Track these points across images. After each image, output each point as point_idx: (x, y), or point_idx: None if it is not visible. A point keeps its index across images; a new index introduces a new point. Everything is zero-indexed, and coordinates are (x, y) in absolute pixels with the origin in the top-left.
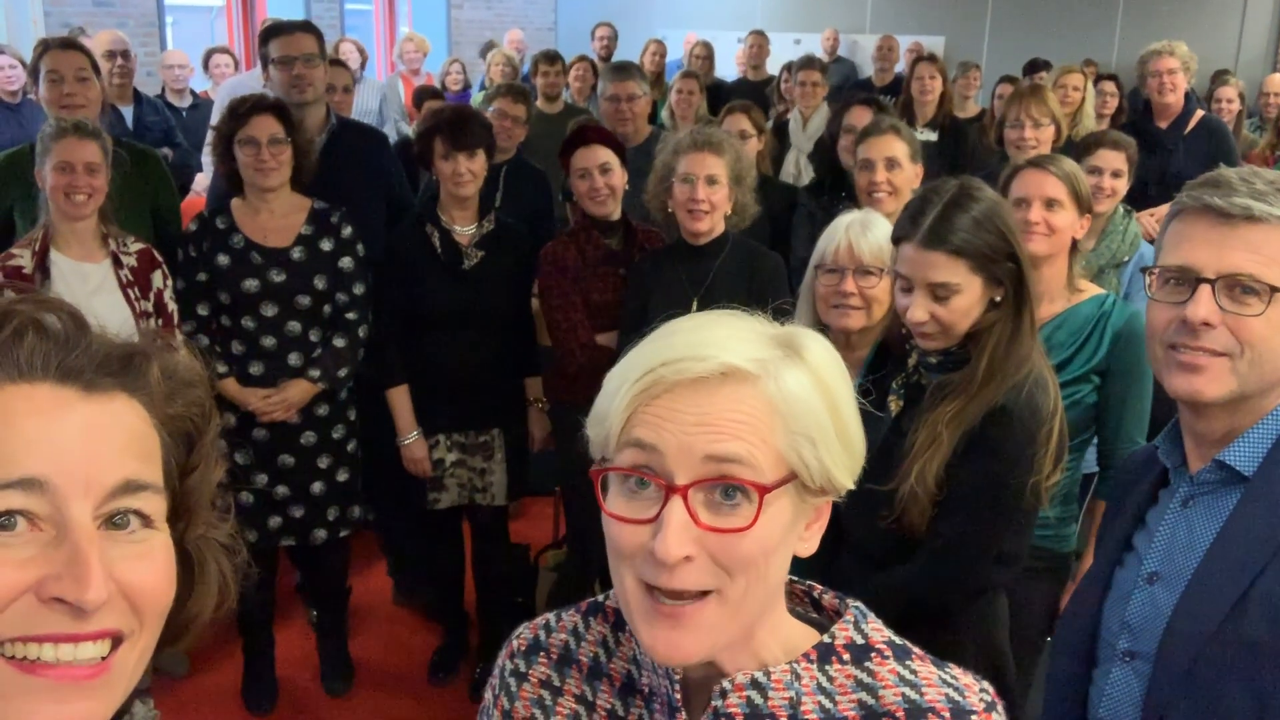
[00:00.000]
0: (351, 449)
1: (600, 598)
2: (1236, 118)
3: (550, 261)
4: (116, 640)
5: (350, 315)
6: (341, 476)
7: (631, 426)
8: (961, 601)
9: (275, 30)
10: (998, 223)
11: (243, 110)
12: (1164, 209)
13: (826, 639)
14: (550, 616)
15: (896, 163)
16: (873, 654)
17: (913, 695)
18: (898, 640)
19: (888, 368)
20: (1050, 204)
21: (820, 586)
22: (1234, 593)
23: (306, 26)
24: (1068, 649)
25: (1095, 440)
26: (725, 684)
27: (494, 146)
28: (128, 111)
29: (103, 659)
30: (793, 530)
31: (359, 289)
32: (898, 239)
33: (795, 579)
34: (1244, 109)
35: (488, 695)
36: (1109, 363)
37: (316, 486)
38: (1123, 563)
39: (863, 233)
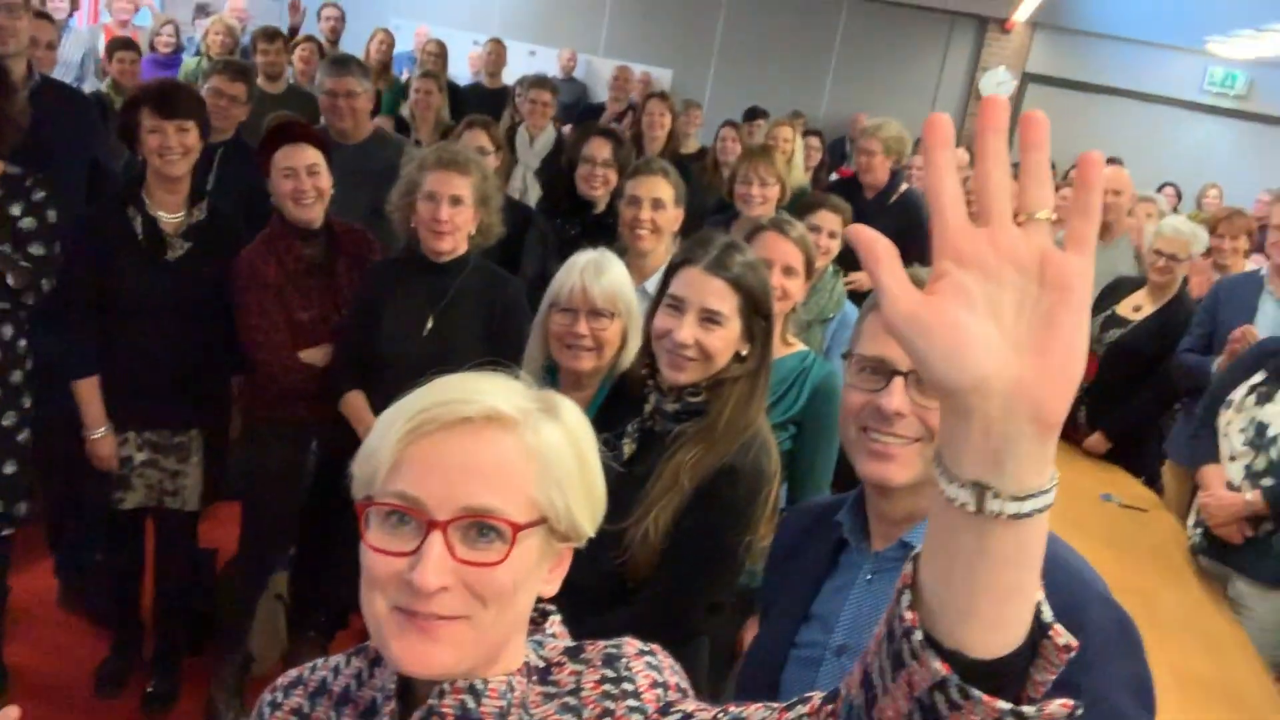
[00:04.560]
0: (23, 439)
1: (370, 642)
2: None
3: (248, 274)
4: None
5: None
6: (8, 469)
7: (398, 468)
8: (672, 646)
9: None
10: (763, 275)
11: None
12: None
13: (526, 659)
14: (320, 659)
15: (662, 203)
16: (553, 668)
17: (608, 673)
18: (572, 643)
19: (620, 409)
20: (788, 270)
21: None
22: None
23: None
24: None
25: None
26: (445, 685)
27: (208, 123)
28: None
29: None
30: (539, 570)
31: (37, 250)
32: (679, 263)
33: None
34: None
35: None
36: (804, 415)
37: None
38: (807, 624)
39: (596, 275)
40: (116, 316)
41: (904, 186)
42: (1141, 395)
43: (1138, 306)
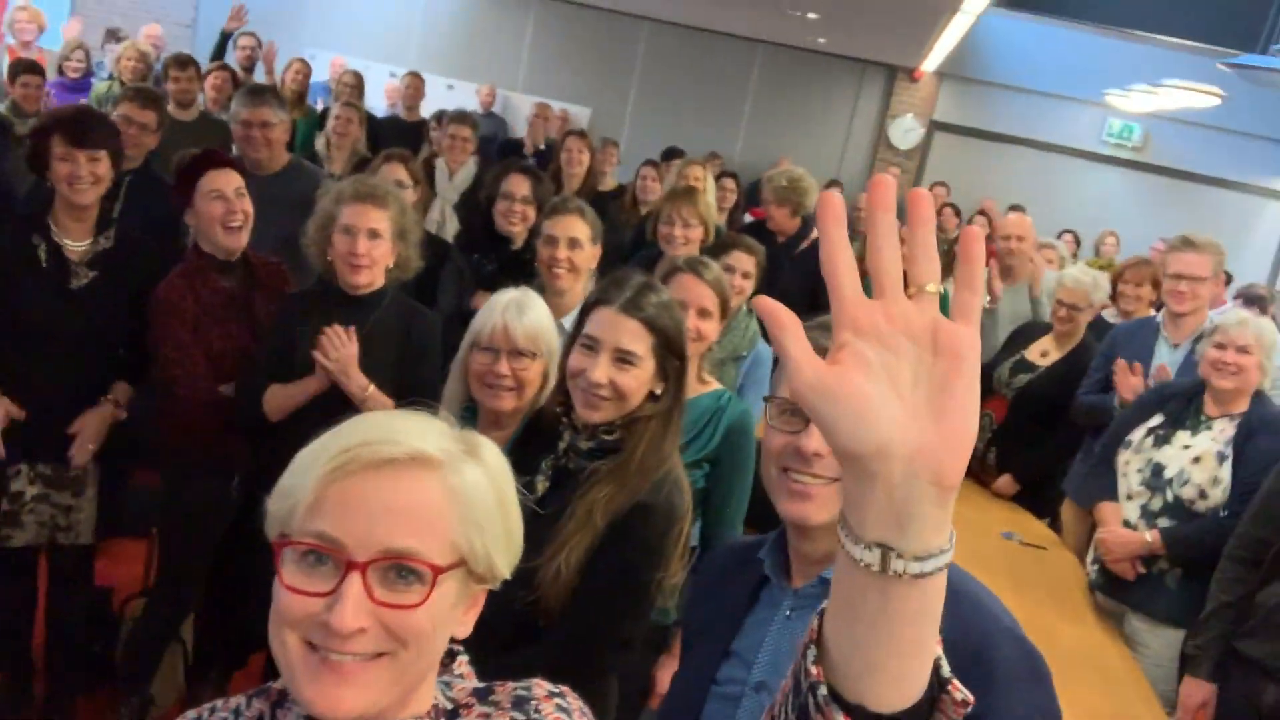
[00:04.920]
0: None
1: (273, 682)
2: None
3: (166, 309)
4: None
5: None
6: None
7: (318, 506)
8: (582, 684)
9: None
10: (677, 315)
11: None
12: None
13: (435, 701)
14: (219, 700)
15: (578, 243)
16: (461, 710)
17: (518, 716)
18: (480, 685)
19: (533, 446)
20: (703, 312)
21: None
22: None
23: None
24: None
25: (700, 521)
26: None
27: (120, 153)
28: None
29: None
30: (455, 611)
31: None
32: (594, 303)
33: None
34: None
35: None
36: (719, 453)
37: None
38: (728, 660)
39: (519, 315)
40: (14, 343)
41: (814, 234)
42: (1049, 440)
43: (1045, 351)
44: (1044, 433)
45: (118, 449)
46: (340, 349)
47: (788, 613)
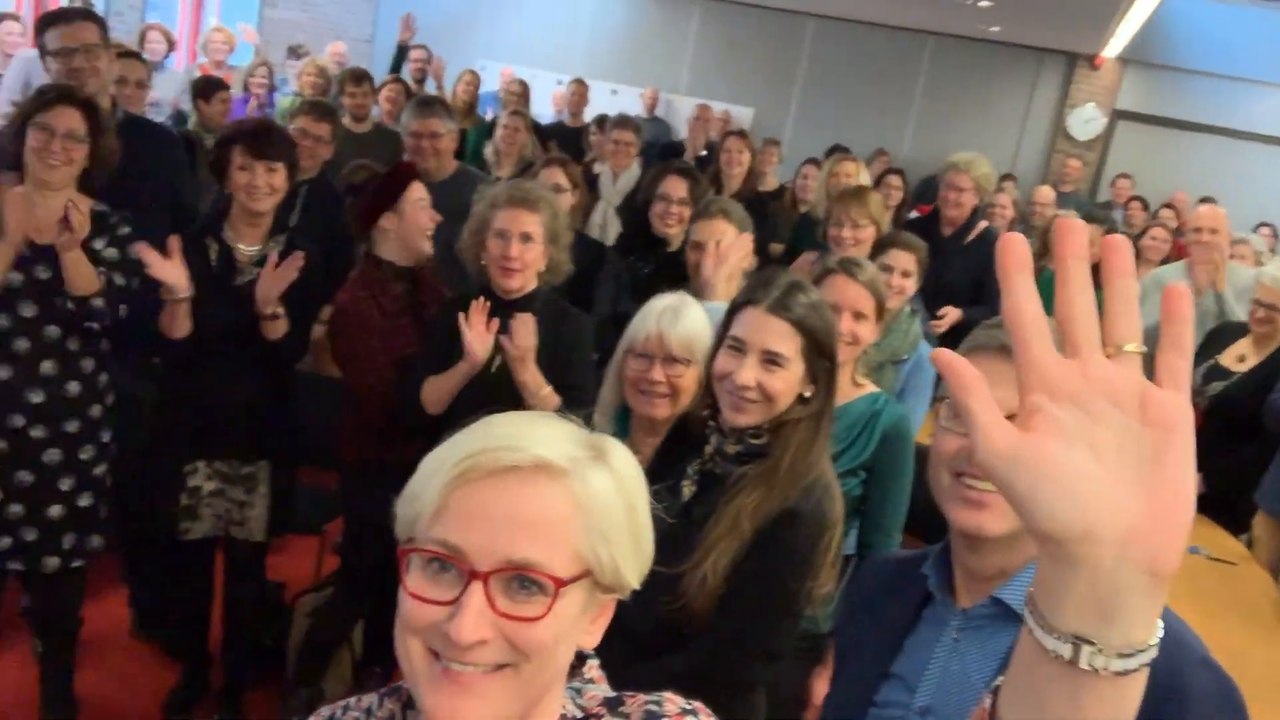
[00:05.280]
0: (99, 473)
1: (401, 682)
2: (1009, 224)
3: (353, 319)
4: None
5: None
6: (84, 501)
7: (442, 513)
8: (729, 696)
9: (54, 19)
10: (827, 316)
11: (49, 96)
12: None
13: (563, 710)
14: (351, 699)
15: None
16: (591, 718)
17: None
18: (611, 693)
19: (680, 450)
20: (858, 316)
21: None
22: None
23: (87, 14)
24: None
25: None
26: None
27: (296, 164)
28: None
29: None
30: (580, 622)
31: (118, 280)
32: (741, 303)
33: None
34: (1016, 216)
35: None
36: (875, 460)
37: (54, 510)
38: (887, 683)
39: (674, 322)
40: (187, 348)
41: (982, 224)
42: (1244, 450)
43: (1242, 356)
44: (1239, 443)
45: (289, 450)
46: (525, 338)
47: (955, 635)
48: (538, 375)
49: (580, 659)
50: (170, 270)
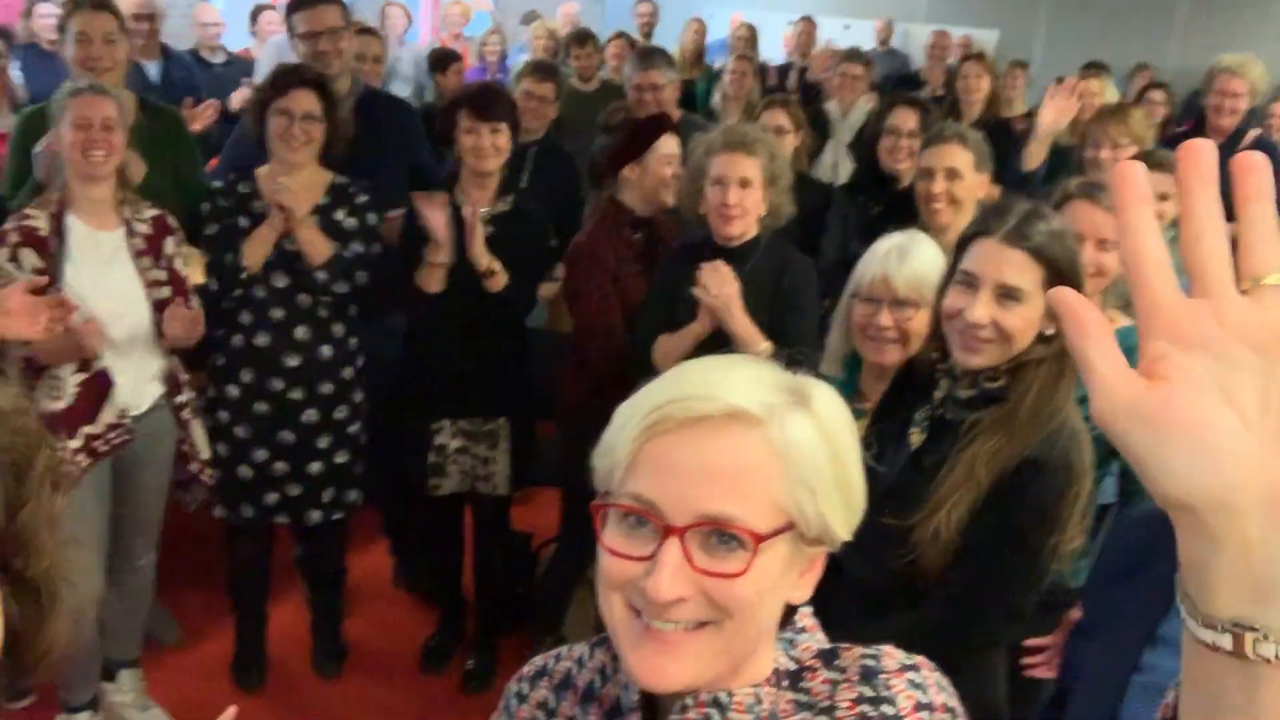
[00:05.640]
0: (353, 431)
1: None
2: None
3: (587, 255)
4: None
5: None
6: (340, 459)
7: (635, 467)
8: (964, 657)
9: (301, 4)
10: (1071, 245)
11: (284, 81)
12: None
13: (775, 664)
14: (563, 648)
15: (957, 173)
16: (805, 672)
17: (866, 691)
18: (826, 645)
19: (908, 396)
20: (1103, 244)
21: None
22: None
23: None
24: None
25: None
26: (688, 699)
27: (519, 125)
28: (154, 67)
29: None
30: (786, 577)
31: (357, 247)
32: (973, 234)
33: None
34: None
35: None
36: None
37: (314, 466)
38: (1153, 648)
39: (900, 263)
40: (428, 309)
41: (1255, 132)
42: None
43: None
44: None
45: (528, 406)
46: (722, 285)
47: None
48: (749, 326)
49: (791, 608)
50: (438, 218)
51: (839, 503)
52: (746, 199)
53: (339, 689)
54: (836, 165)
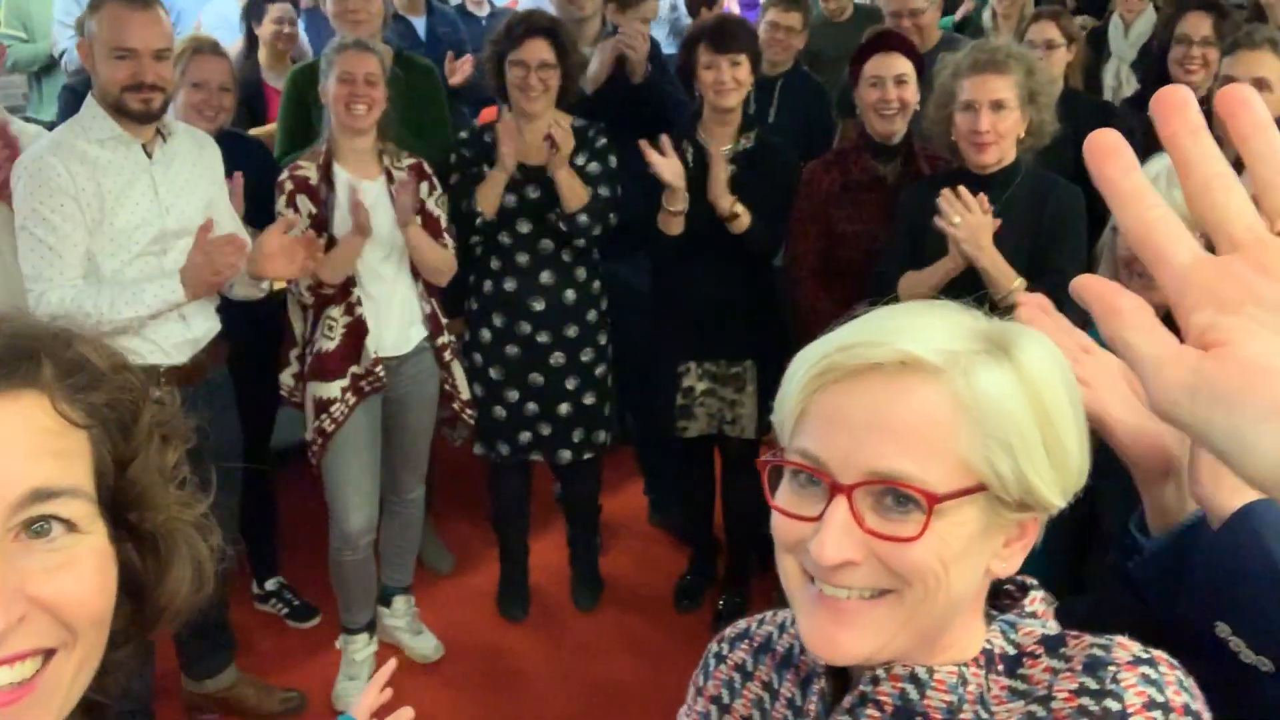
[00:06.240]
0: (599, 373)
1: None
2: None
3: (804, 184)
4: (49, 654)
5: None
6: (588, 400)
7: (803, 421)
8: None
9: None
10: None
11: (518, 32)
12: None
13: (987, 645)
14: (768, 613)
15: (1266, 84)
16: (1025, 659)
17: (1089, 683)
18: (1052, 631)
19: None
20: None
21: (1029, 579)
22: None
23: None
24: None
25: None
26: (880, 671)
27: (759, 57)
28: (420, 22)
29: (26, 680)
30: (983, 544)
31: (603, 191)
32: None
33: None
34: None
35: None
36: None
37: (563, 408)
38: None
39: (1169, 188)
40: (677, 251)
41: None
42: None
43: None
44: None
45: (774, 348)
46: (966, 213)
47: None
48: (998, 261)
49: (1023, 589)
50: (668, 166)
51: (1047, 465)
52: (1000, 123)
53: (595, 622)
54: (1119, 87)
